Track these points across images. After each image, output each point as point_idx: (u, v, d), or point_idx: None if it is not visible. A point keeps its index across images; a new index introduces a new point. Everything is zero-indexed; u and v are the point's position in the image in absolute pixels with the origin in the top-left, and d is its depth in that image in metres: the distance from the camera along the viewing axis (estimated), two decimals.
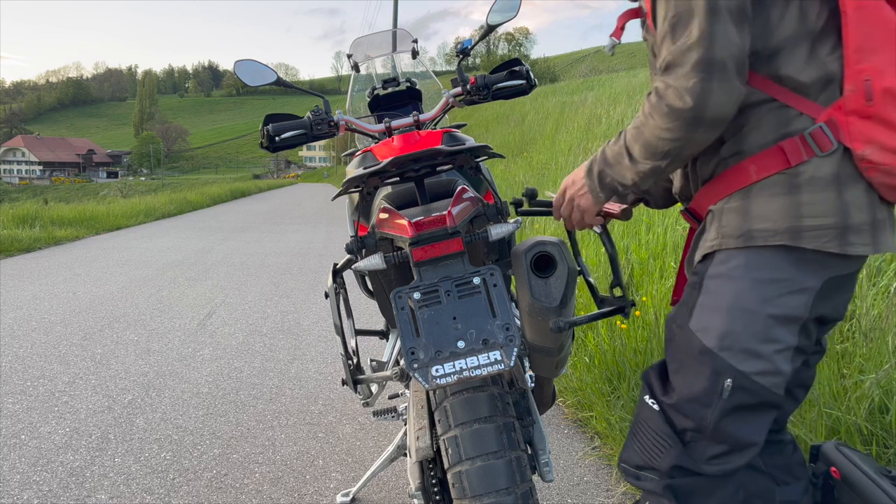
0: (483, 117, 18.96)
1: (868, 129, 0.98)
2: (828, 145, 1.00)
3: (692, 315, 1.12)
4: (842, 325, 2.24)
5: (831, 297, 1.07)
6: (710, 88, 0.98)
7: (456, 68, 1.70)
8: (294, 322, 4.09)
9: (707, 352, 1.08)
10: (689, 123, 1.01)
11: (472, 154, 1.28)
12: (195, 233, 9.40)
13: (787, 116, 1.03)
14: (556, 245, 1.16)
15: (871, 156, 0.98)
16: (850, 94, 0.98)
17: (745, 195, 1.07)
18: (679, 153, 1.06)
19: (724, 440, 1.10)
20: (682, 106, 1.00)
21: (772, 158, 1.04)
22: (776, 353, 1.05)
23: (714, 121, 1.01)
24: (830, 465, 1.31)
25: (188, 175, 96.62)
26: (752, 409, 1.08)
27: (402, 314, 1.07)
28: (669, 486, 1.12)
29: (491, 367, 1.02)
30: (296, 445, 2.36)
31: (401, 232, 1.17)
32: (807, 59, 1.02)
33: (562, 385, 2.73)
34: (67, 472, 2.14)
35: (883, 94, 0.96)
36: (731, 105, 1.00)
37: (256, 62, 1.60)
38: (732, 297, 1.07)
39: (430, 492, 1.22)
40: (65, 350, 3.48)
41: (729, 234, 1.08)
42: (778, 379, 1.07)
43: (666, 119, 1.03)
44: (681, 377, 1.14)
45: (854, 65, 0.97)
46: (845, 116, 0.99)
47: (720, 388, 1.07)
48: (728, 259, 1.08)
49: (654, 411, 1.17)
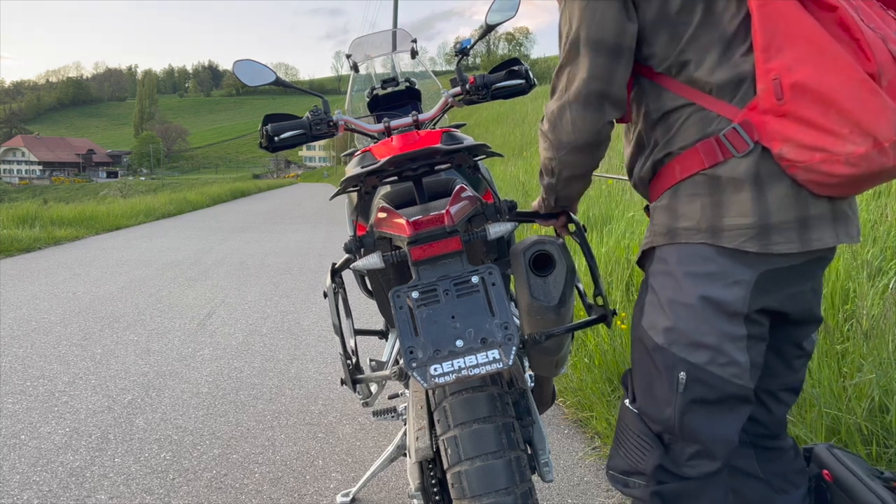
0: (483, 117, 18.96)
1: (783, 128, 0.96)
2: (743, 146, 1.00)
3: (643, 314, 1.14)
4: (842, 325, 2.24)
5: (773, 290, 1.05)
6: (564, 116, 1.10)
7: (455, 68, 1.70)
8: (294, 322, 4.09)
9: (657, 348, 1.09)
10: (553, 146, 1.15)
11: (470, 153, 1.28)
12: (195, 233, 9.40)
13: (708, 119, 1.04)
14: (555, 244, 1.16)
15: (788, 154, 0.97)
16: (762, 94, 0.97)
17: (673, 194, 1.09)
18: (559, 172, 1.20)
19: (695, 438, 1.09)
20: (545, 129, 1.15)
21: (691, 159, 1.06)
22: (726, 342, 1.05)
23: (572, 145, 1.12)
24: (822, 467, 1.30)
25: (188, 175, 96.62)
26: (715, 404, 1.08)
27: (401, 313, 1.07)
28: (657, 492, 1.12)
29: (489, 365, 1.02)
30: (296, 445, 2.36)
31: (399, 231, 1.17)
32: (718, 61, 1.02)
33: (562, 385, 2.73)
34: (67, 472, 2.14)
35: (792, 91, 0.94)
36: (584, 133, 1.09)
37: (255, 62, 1.60)
38: (672, 292, 1.08)
39: (430, 492, 1.22)
40: (65, 350, 3.48)
41: (658, 232, 1.12)
42: (735, 368, 1.05)
43: (541, 140, 1.19)
44: (640, 378, 1.15)
45: (763, 64, 0.96)
46: (761, 116, 0.99)
47: (675, 383, 1.07)
48: (663, 255, 1.11)
49: (633, 414, 1.17)
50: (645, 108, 1.14)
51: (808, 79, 0.92)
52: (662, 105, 1.10)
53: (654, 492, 1.12)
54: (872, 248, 2.65)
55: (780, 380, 1.22)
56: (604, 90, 1.07)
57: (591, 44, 1.06)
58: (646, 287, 1.15)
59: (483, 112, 19.02)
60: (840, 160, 0.92)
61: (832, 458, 1.30)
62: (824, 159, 0.93)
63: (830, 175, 0.94)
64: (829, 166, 0.93)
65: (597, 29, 1.05)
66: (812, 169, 0.95)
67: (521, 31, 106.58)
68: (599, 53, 1.05)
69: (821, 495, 1.30)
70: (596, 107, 1.08)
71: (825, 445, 1.35)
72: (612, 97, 1.08)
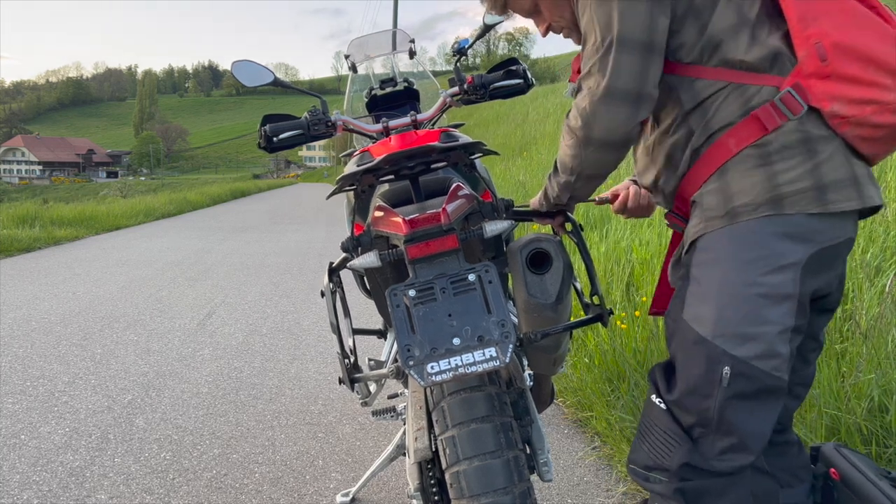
0: (483, 117, 18.97)
1: (830, 88, 1.02)
2: (798, 108, 1.04)
3: (684, 306, 1.12)
4: (842, 325, 2.24)
5: (820, 271, 1.08)
6: (597, 111, 1.09)
7: (453, 68, 1.70)
8: (294, 322, 4.10)
9: (701, 340, 1.08)
10: (581, 142, 1.14)
11: (466, 151, 1.28)
12: (195, 233, 9.40)
13: (748, 93, 1.07)
14: (552, 242, 1.16)
15: (840, 110, 1.02)
16: (804, 60, 1.03)
17: (721, 175, 1.09)
18: (581, 170, 1.18)
19: (731, 432, 1.08)
20: (574, 125, 1.14)
21: (748, 128, 1.07)
22: (771, 334, 1.05)
23: (602, 142, 1.11)
24: (830, 466, 1.30)
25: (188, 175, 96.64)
26: (754, 397, 1.07)
27: (398, 311, 1.07)
28: (680, 489, 1.11)
29: (486, 363, 1.02)
30: (296, 445, 2.36)
31: (396, 230, 1.17)
32: (749, 42, 1.07)
33: (562, 385, 2.73)
34: (67, 472, 2.14)
35: (835, 51, 1.01)
36: (616, 127, 1.09)
37: (254, 63, 1.60)
38: (719, 282, 1.07)
39: (429, 492, 1.22)
40: (65, 350, 3.48)
41: (712, 217, 1.10)
42: (777, 361, 1.05)
43: (566, 136, 1.17)
44: (681, 370, 1.14)
45: (801, 32, 1.03)
46: (806, 80, 1.04)
47: (719, 377, 1.06)
48: (710, 244, 1.10)
49: (660, 410, 1.16)
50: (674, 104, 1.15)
51: (846, 40, 1.01)
52: (696, 94, 1.11)
53: (678, 489, 1.11)
54: (872, 248, 2.65)
55: (797, 374, 1.22)
56: (639, 88, 1.08)
57: (625, 42, 1.06)
58: (687, 279, 1.13)
59: (483, 112, 19.03)
60: (890, 109, 1.01)
61: (840, 457, 1.30)
62: (875, 111, 1.01)
63: (879, 126, 1.02)
64: (879, 117, 1.01)
65: (630, 26, 1.06)
66: (863, 122, 1.02)
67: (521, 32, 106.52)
68: (633, 51, 1.06)
69: (828, 494, 1.30)
70: (631, 104, 1.08)
71: (833, 444, 1.34)
72: (646, 95, 1.09)
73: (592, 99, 1.10)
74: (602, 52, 1.09)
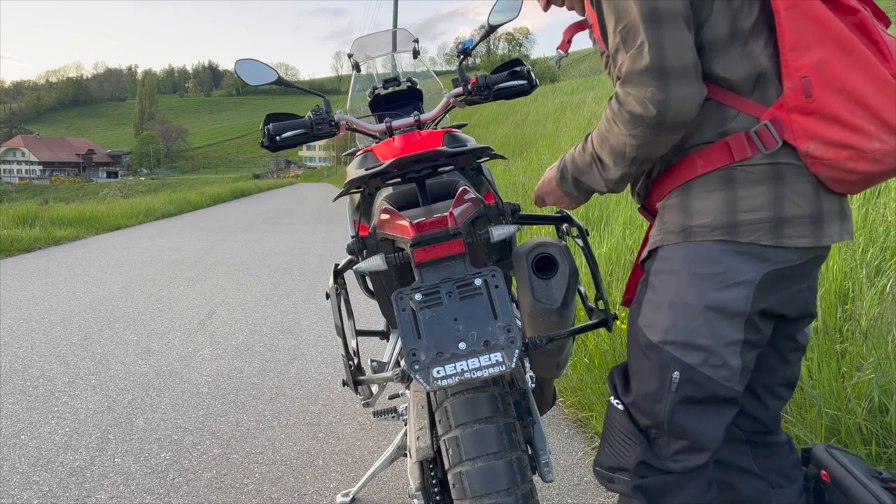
0: (483, 117, 18.96)
1: (810, 125, 0.98)
2: (772, 143, 1.01)
3: (640, 313, 1.14)
4: (842, 325, 2.24)
5: (775, 290, 1.07)
6: (668, 94, 0.99)
7: (457, 68, 1.70)
8: (294, 322, 4.09)
9: (653, 346, 1.10)
10: (651, 129, 1.02)
11: (473, 155, 1.28)
12: (195, 233, 9.40)
13: (725, 115, 1.04)
14: (557, 247, 1.16)
15: (815, 151, 0.99)
16: (789, 92, 0.99)
17: (685, 191, 1.08)
18: (646, 157, 1.09)
19: (682, 436, 1.10)
20: (643, 112, 1.01)
21: (718, 153, 1.05)
22: (720, 346, 1.06)
23: (676, 124, 1.03)
24: (821, 468, 1.30)
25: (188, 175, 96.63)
26: (704, 403, 1.09)
27: (404, 315, 1.07)
28: (639, 486, 1.13)
29: (492, 368, 1.02)
30: (296, 445, 2.36)
31: (402, 233, 1.17)
32: (737, 57, 1.02)
33: (562, 385, 2.73)
34: (67, 472, 2.14)
35: (822, 89, 0.96)
36: (691, 107, 1.01)
37: (257, 61, 1.60)
38: (673, 292, 1.08)
39: (431, 492, 1.22)
40: (65, 350, 3.48)
41: (670, 230, 1.10)
42: (727, 371, 1.07)
43: (629, 126, 1.04)
44: (634, 374, 1.16)
45: (791, 62, 0.98)
46: (787, 114, 1.00)
47: (668, 382, 1.08)
48: (668, 255, 1.10)
49: (619, 411, 1.18)
50: None
51: (836, 77, 0.95)
52: None
53: (637, 486, 1.13)
54: (872, 248, 2.65)
55: (776, 375, 1.24)
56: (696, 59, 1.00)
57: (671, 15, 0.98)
58: (645, 285, 1.15)
59: (484, 112, 19.02)
60: (866, 157, 0.96)
61: (830, 458, 1.30)
62: (850, 156, 0.96)
63: (853, 172, 0.98)
64: (854, 163, 0.97)
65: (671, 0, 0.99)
66: (837, 166, 0.98)
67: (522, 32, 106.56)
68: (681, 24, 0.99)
69: (819, 496, 1.30)
70: (699, 77, 1.00)
71: (824, 446, 1.35)
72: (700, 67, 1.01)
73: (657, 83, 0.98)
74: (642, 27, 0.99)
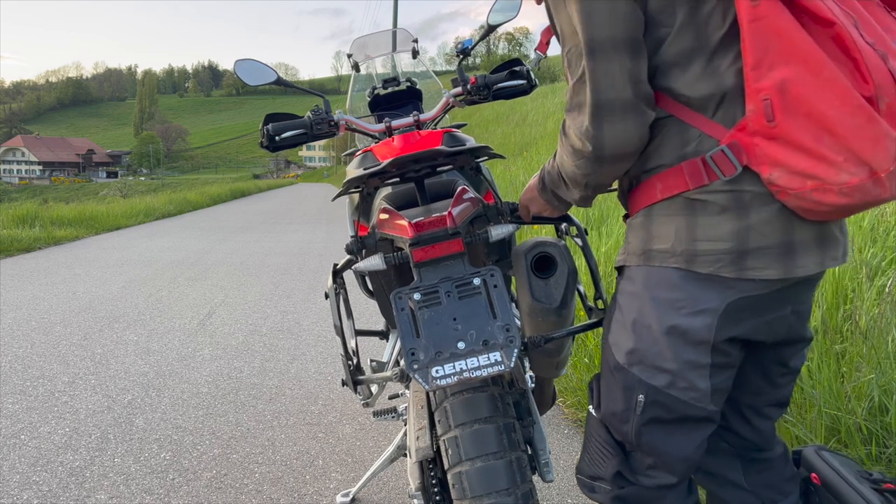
0: (483, 117, 18.96)
1: (774, 151, 0.89)
2: (731, 169, 0.93)
3: (610, 329, 1.11)
4: (842, 325, 2.24)
5: (743, 318, 0.99)
6: (601, 131, 0.96)
7: (457, 68, 1.70)
8: (294, 322, 4.09)
9: (619, 367, 1.07)
10: (592, 162, 1.01)
11: (472, 155, 1.28)
12: (195, 233, 9.40)
13: (687, 136, 0.98)
14: (556, 246, 1.16)
15: (778, 180, 0.89)
16: (751, 115, 0.89)
17: (648, 214, 1.04)
18: (598, 183, 1.08)
19: (651, 453, 1.08)
20: (581, 147, 1.00)
21: (674, 179, 0.99)
22: (686, 370, 1.01)
23: (616, 157, 0.99)
24: (811, 471, 1.29)
25: (188, 175, 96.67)
26: (674, 423, 1.05)
27: (403, 315, 1.07)
28: (618, 496, 1.12)
29: (491, 368, 1.02)
30: (296, 445, 2.36)
31: (401, 233, 1.17)
32: (700, 72, 0.95)
33: (562, 385, 2.73)
34: (67, 472, 2.14)
35: (784, 114, 0.86)
36: (631, 141, 0.97)
37: (257, 61, 1.60)
38: (637, 314, 1.05)
39: (430, 492, 1.22)
40: (65, 350, 3.48)
41: (632, 252, 1.08)
42: (695, 393, 1.02)
43: (573, 157, 1.04)
44: (603, 392, 1.14)
45: (753, 83, 0.88)
46: (749, 138, 0.91)
47: (633, 404, 1.05)
48: (632, 275, 1.07)
49: (597, 420, 1.16)
50: None
51: (802, 100, 0.85)
52: None
53: (616, 496, 1.12)
54: (872, 247, 2.66)
55: (764, 397, 1.19)
56: (638, 91, 0.96)
57: (609, 44, 0.94)
58: (614, 303, 1.12)
59: (483, 112, 19.02)
60: (833, 190, 0.85)
61: (820, 461, 1.29)
62: (816, 187, 0.87)
63: (821, 203, 0.88)
64: (820, 195, 0.87)
65: (610, 27, 0.94)
66: (803, 197, 0.89)
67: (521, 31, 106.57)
68: (621, 53, 0.94)
69: (809, 499, 1.29)
70: (638, 110, 0.96)
71: (814, 448, 1.33)
72: (646, 95, 0.97)
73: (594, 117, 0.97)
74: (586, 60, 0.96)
